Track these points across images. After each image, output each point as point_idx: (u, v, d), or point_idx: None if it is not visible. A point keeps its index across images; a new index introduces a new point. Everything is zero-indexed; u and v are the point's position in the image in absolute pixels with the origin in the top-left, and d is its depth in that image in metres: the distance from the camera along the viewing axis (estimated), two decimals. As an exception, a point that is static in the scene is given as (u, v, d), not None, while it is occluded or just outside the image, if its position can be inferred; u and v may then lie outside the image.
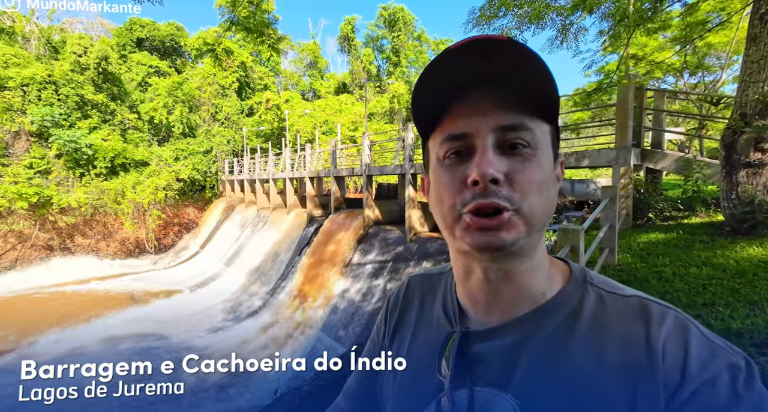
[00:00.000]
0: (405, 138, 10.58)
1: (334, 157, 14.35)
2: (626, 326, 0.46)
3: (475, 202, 0.45)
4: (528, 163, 0.46)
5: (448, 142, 0.48)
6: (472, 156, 0.46)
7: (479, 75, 0.46)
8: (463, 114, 0.47)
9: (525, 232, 0.46)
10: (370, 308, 9.13)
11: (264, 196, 20.76)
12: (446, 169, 0.49)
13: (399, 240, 10.46)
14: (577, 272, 0.54)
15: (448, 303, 0.61)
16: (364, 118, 31.16)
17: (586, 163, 6.49)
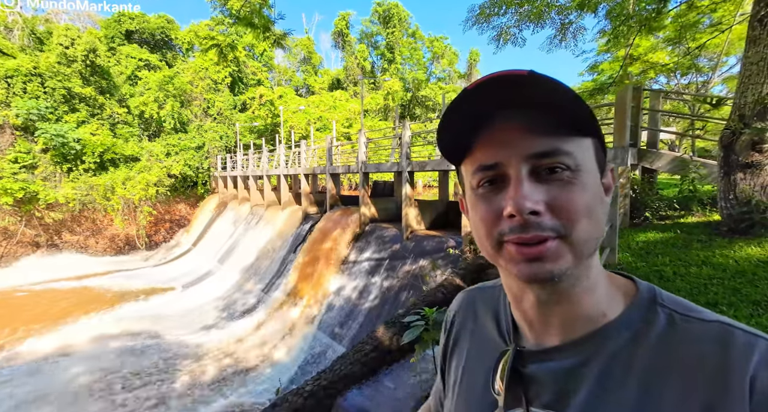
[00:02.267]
0: (402, 136, 10.53)
1: (329, 154, 14.23)
2: (702, 356, 0.41)
3: (515, 236, 0.44)
4: (570, 187, 0.44)
5: (480, 172, 0.47)
6: (506, 185, 0.45)
7: (505, 105, 0.45)
8: (492, 144, 0.46)
9: (573, 261, 0.44)
10: (367, 306, 9.12)
11: (258, 192, 20.53)
12: (481, 199, 0.48)
13: (395, 238, 10.45)
14: (644, 290, 0.50)
15: (502, 320, 0.60)
16: (360, 115, 31.02)
17: None
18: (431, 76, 45.76)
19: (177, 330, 10.45)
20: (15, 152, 18.26)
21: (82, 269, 17.32)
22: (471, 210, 0.51)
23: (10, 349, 9.23)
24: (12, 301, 13.19)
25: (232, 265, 15.76)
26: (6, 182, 17.02)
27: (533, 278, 0.44)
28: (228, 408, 6.98)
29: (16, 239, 17.92)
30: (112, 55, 26.30)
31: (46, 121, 19.08)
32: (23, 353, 9.03)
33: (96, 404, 7.05)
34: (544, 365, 0.50)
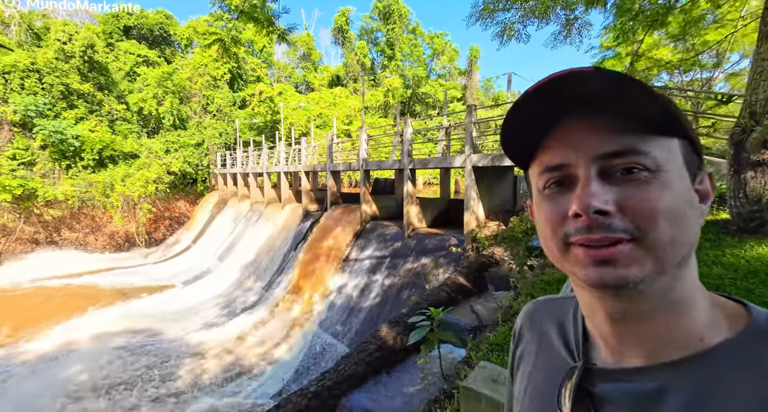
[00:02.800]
0: (404, 133, 10.45)
1: (330, 151, 14.14)
2: None
3: (582, 236, 0.41)
4: (647, 186, 0.40)
5: (547, 173, 0.46)
6: (574, 186, 0.43)
7: (572, 104, 0.43)
8: (559, 145, 0.45)
9: (654, 268, 0.40)
10: (368, 304, 9.08)
11: (258, 190, 20.44)
12: (546, 200, 0.46)
13: (397, 236, 10.39)
14: (761, 318, 0.44)
15: (571, 334, 0.57)
16: (360, 112, 30.87)
17: None
18: (431, 73, 45.54)
19: (177, 328, 10.41)
20: (13, 149, 18.13)
21: (81, 266, 17.27)
22: (536, 211, 0.49)
23: (10, 347, 9.19)
24: (12, 298, 13.14)
25: (232, 262, 15.71)
26: (4, 179, 16.91)
27: (601, 283, 0.41)
28: (229, 407, 6.95)
29: (15, 236, 17.84)
30: (111, 51, 26.08)
31: (44, 118, 18.94)
32: (24, 351, 8.99)
33: (97, 402, 7.02)
34: (621, 385, 0.45)
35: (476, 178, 8.65)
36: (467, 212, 8.61)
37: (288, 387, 7.65)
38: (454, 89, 41.81)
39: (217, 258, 17.04)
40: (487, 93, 46.93)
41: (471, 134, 8.52)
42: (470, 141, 8.52)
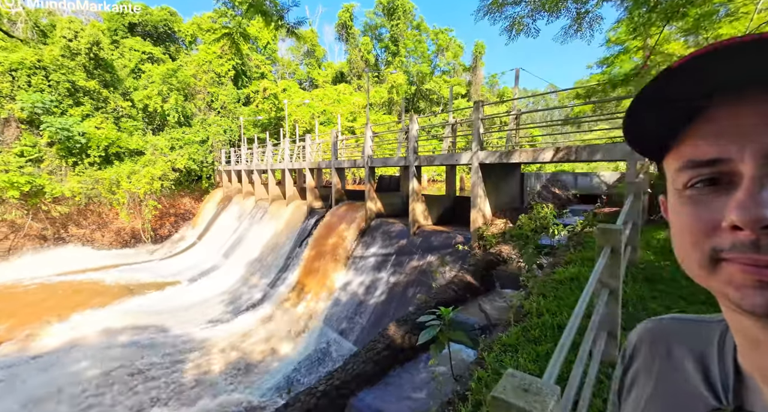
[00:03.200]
0: (409, 129, 10.36)
1: (335, 148, 14.08)
2: None
3: (743, 255, 0.33)
4: None
5: (690, 170, 0.37)
6: (733, 188, 0.34)
7: (735, 82, 0.33)
8: (713, 134, 0.36)
9: None
10: (374, 302, 9.05)
11: (262, 187, 20.46)
12: (689, 202, 0.38)
13: (402, 233, 10.34)
14: None
15: (715, 368, 0.46)
16: (365, 109, 30.74)
17: (599, 157, 6.36)
18: (436, 69, 45.20)
19: (183, 324, 10.47)
20: (21, 146, 18.27)
21: (88, 262, 17.42)
22: (672, 215, 0.41)
23: (18, 342, 9.29)
24: (20, 294, 13.29)
25: (237, 259, 15.77)
26: (12, 176, 17.06)
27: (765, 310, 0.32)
28: (235, 403, 6.98)
29: (23, 232, 18.02)
30: (116, 48, 26.14)
31: (51, 115, 19.04)
32: (33, 346, 9.08)
33: (104, 397, 7.07)
34: None
35: (483, 175, 8.56)
36: (474, 209, 8.53)
37: (294, 383, 7.66)
38: (459, 86, 41.47)
39: (222, 255, 17.10)
40: (491, 89, 46.54)
41: (478, 131, 8.42)
42: (477, 138, 8.42)
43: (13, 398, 7.10)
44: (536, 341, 2.87)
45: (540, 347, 2.74)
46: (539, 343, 2.84)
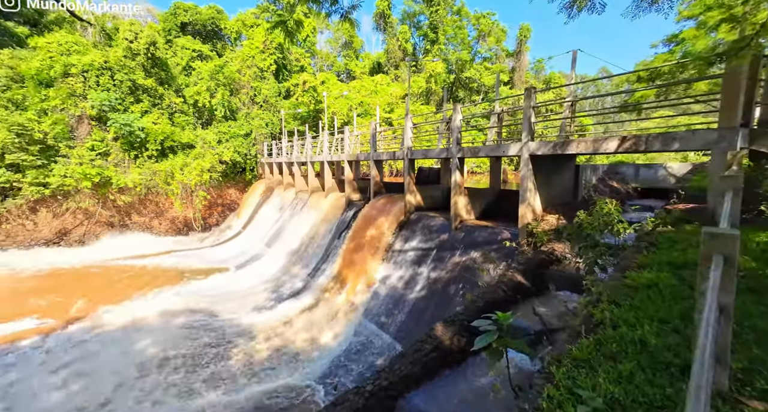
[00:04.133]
0: (452, 120, 9.92)
1: (373, 139, 13.94)
2: None
3: None
4: None
5: None
6: None
7: None
8: None
9: None
10: (414, 297, 8.90)
11: (302, 179, 20.97)
12: None
13: (443, 227, 10.03)
14: None
15: None
16: (403, 99, 30.29)
17: (677, 147, 5.60)
18: (476, 56, 43.34)
19: (231, 309, 11.04)
20: (91, 140, 20.16)
21: (148, 247, 19.00)
22: None
23: (91, 319, 10.33)
24: (93, 275, 14.79)
25: (278, 248, 16.33)
26: (86, 168, 18.91)
27: None
28: (279, 389, 7.20)
29: (95, 219, 20.01)
30: (169, 47, 27.82)
31: (115, 112, 20.77)
32: (103, 323, 10.05)
33: (162, 375, 7.64)
34: None
35: (533, 167, 7.98)
36: (523, 204, 8.00)
37: (335, 373, 7.77)
38: (501, 73, 39.46)
39: (264, 244, 17.82)
40: (537, 75, 43.79)
41: (529, 120, 7.82)
42: (528, 127, 7.83)
43: (78, 373, 7.89)
44: (615, 358, 2.53)
45: (622, 366, 2.40)
46: (619, 360, 2.50)
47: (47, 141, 18.65)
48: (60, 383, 7.48)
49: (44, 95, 19.54)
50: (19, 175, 17.71)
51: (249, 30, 30.92)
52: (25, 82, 19.61)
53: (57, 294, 12.44)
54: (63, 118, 19.50)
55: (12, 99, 18.89)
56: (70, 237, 19.34)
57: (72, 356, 8.46)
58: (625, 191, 10.68)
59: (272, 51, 28.67)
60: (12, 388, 7.40)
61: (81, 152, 19.49)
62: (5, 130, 17.08)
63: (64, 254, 17.52)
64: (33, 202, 18.55)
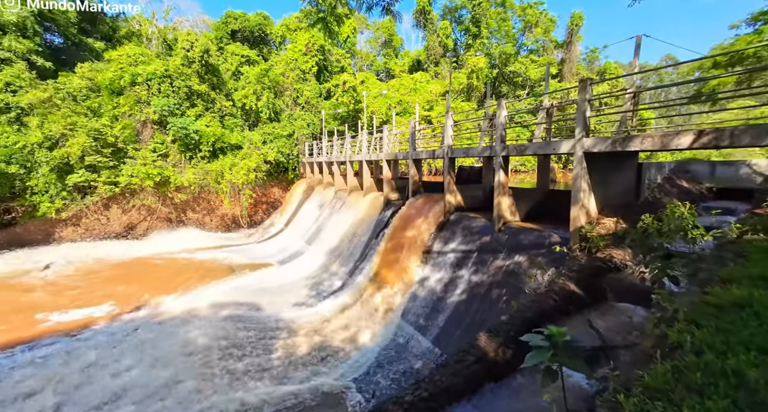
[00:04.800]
0: (497, 116, 9.43)
1: (412, 138, 13.73)
2: None
3: None
4: None
5: None
6: None
7: None
8: None
9: None
10: (454, 300, 8.60)
11: (341, 178, 21.32)
12: None
13: (485, 229, 9.59)
14: None
15: None
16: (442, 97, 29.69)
17: (747, 142, 4.82)
18: (521, 48, 41.27)
19: (274, 304, 11.47)
20: (153, 143, 22.09)
21: (201, 242, 20.44)
22: None
23: (149, 308, 11.28)
24: (153, 266, 16.17)
25: (318, 246, 16.72)
26: (149, 168, 20.77)
27: None
28: (318, 386, 7.30)
29: (156, 215, 21.93)
30: (221, 54, 29.66)
31: (174, 116, 22.55)
32: (160, 312, 10.92)
33: (210, 364, 8.09)
34: None
35: (588, 166, 7.32)
36: (575, 205, 7.37)
37: (372, 374, 7.73)
38: (550, 65, 37.21)
39: (305, 241, 18.35)
40: (590, 66, 40.71)
41: (584, 114, 7.18)
42: (582, 122, 7.19)
43: (141, 357, 8.58)
44: (701, 392, 2.15)
45: (711, 403, 2.02)
46: (706, 394, 2.11)
47: (118, 144, 20.72)
48: (123, 361, 8.21)
49: (116, 103, 21.72)
50: (95, 175, 19.85)
51: (293, 34, 32.06)
52: (100, 91, 21.95)
53: (126, 283, 13.78)
54: (130, 123, 21.55)
55: (90, 107, 21.23)
56: (135, 231, 21.36)
57: (135, 339, 9.29)
58: (697, 192, 9.47)
59: (314, 53, 29.46)
60: (85, 359, 8.27)
61: (145, 154, 21.42)
62: (85, 135, 19.22)
63: (131, 247, 19.39)
64: (106, 200, 20.72)
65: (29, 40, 22.15)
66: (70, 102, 20.75)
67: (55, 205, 19.07)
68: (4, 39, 21.41)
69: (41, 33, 23.64)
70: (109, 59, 23.53)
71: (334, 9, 3.98)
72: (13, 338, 9.54)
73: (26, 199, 18.98)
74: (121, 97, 21.86)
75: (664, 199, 7.57)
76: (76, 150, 18.83)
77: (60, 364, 8.24)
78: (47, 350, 8.93)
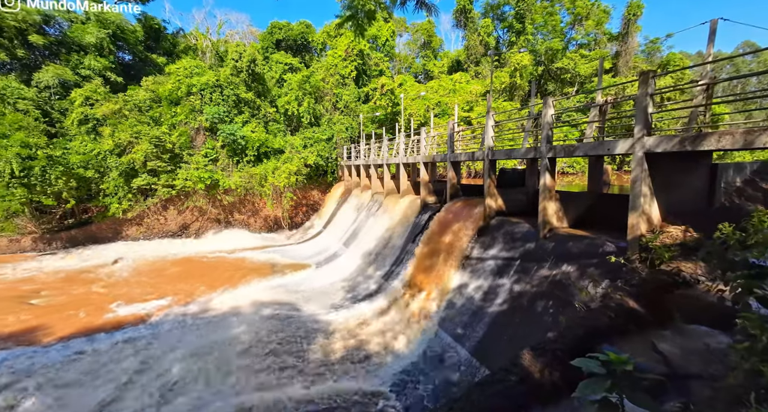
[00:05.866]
0: (542, 115, 8.84)
1: (451, 140, 13.36)
2: None
3: None
4: None
5: None
6: None
7: None
8: None
9: None
10: (494, 310, 8.14)
11: (378, 181, 21.36)
12: None
13: (529, 235, 9.00)
14: None
15: None
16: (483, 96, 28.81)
17: None
18: (570, 43, 38.89)
19: (312, 305, 11.68)
20: (205, 148, 23.74)
21: (246, 242, 21.55)
22: None
23: (199, 303, 12.00)
24: (204, 264, 17.28)
25: (355, 249, 16.84)
26: (201, 172, 22.35)
27: None
28: (353, 390, 7.25)
29: (206, 216, 23.50)
30: (266, 63, 31.23)
31: (223, 123, 24.08)
32: (208, 308, 11.59)
33: (252, 359, 8.37)
34: None
35: (650, 167, 6.57)
36: (634, 211, 6.64)
37: (407, 383, 7.53)
38: (603, 59, 34.60)
39: (342, 243, 18.59)
40: (649, 58, 37.28)
41: (645, 110, 6.46)
42: (643, 119, 6.47)
43: (189, 349, 9.10)
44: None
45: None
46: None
47: (174, 150, 22.52)
48: (176, 351, 8.77)
49: (173, 112, 23.67)
50: (155, 179, 21.73)
51: (333, 40, 32.92)
52: (161, 101, 24.06)
53: (181, 279, 14.89)
54: (186, 130, 23.34)
55: (153, 116, 23.33)
56: (188, 231, 23.05)
57: (187, 331, 9.92)
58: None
59: (353, 58, 29.99)
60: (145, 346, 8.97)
61: (197, 159, 23.07)
62: (147, 142, 21.14)
63: (185, 245, 20.95)
64: (164, 201, 22.60)
65: (105, 58, 24.90)
66: (136, 112, 22.96)
67: (122, 206, 21.14)
68: (86, 58, 24.28)
69: (115, 52, 26.50)
70: (169, 72, 25.73)
71: (364, 6, 3.91)
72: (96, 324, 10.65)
73: (99, 201, 21.27)
74: (178, 106, 23.77)
75: (746, 205, 6.59)
76: (140, 156, 20.76)
77: (121, 351, 9.02)
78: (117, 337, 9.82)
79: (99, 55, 24.76)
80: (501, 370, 3.67)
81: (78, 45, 24.65)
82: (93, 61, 24.13)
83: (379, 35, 35.19)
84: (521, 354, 3.78)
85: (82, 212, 21.88)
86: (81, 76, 23.85)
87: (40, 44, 23.38)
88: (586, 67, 34.50)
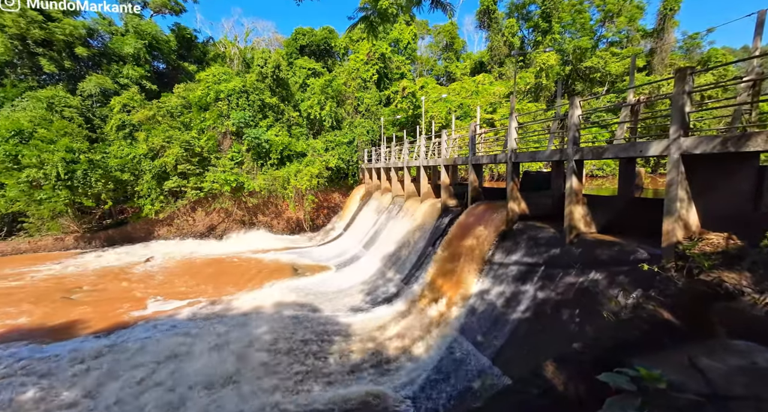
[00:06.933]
0: (569, 116, 8.51)
1: (472, 142, 13.13)
2: None
3: None
4: None
5: None
6: None
7: None
8: None
9: None
10: (516, 317, 7.88)
11: (398, 183, 21.32)
12: None
13: (554, 240, 8.66)
14: None
15: None
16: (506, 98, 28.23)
17: None
18: (600, 41, 37.41)
19: (331, 307, 11.77)
20: (231, 152, 24.59)
21: (269, 243, 22.06)
22: None
23: (224, 303, 12.37)
24: (229, 264, 17.84)
25: (375, 252, 16.84)
26: (227, 175, 23.16)
27: None
28: (369, 394, 7.21)
29: (232, 218, 24.29)
30: (290, 68, 32.03)
31: (248, 127, 24.87)
32: (232, 307, 11.93)
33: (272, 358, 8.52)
34: None
35: (687, 170, 6.16)
36: (669, 217, 6.24)
37: (426, 388, 7.41)
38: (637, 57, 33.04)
39: (362, 246, 18.65)
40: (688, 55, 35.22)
41: (682, 110, 6.07)
42: (680, 119, 6.09)
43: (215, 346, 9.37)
44: None
45: None
46: None
47: (203, 154, 23.47)
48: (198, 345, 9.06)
49: (203, 117, 24.71)
50: (184, 181, 22.72)
51: (355, 45, 33.32)
52: (191, 107, 25.18)
53: (207, 278, 15.48)
54: (213, 134, 24.29)
55: (183, 122, 24.45)
56: (215, 231, 23.90)
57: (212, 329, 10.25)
58: None
59: (375, 61, 30.21)
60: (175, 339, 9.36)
61: (224, 162, 23.93)
62: (178, 146, 22.16)
63: (211, 246, 21.73)
64: (192, 203, 23.57)
65: (141, 67, 26.41)
66: (168, 118, 24.16)
67: (155, 207, 22.23)
68: (124, 68, 25.85)
69: (150, 61, 28.05)
70: (199, 79, 26.92)
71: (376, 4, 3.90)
72: (132, 318, 11.35)
73: (134, 202, 22.48)
74: (207, 112, 24.78)
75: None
76: (171, 159, 21.79)
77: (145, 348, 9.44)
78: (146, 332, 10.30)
79: (136, 65, 26.29)
80: (522, 381, 3.52)
81: (117, 55, 26.31)
82: (131, 70, 25.64)
83: (400, 38, 35.27)
84: (544, 365, 3.62)
85: (119, 212, 23.21)
86: (119, 85, 25.42)
87: (85, 56, 25.12)
88: (618, 66, 33.03)
